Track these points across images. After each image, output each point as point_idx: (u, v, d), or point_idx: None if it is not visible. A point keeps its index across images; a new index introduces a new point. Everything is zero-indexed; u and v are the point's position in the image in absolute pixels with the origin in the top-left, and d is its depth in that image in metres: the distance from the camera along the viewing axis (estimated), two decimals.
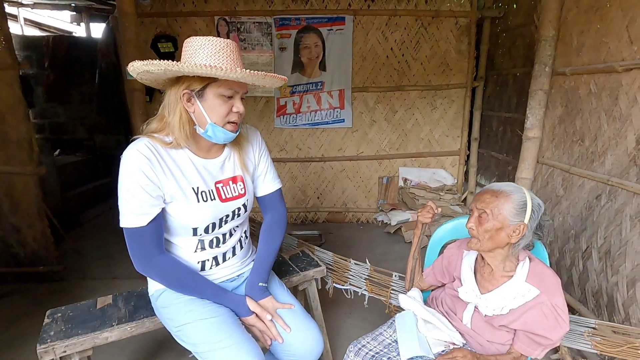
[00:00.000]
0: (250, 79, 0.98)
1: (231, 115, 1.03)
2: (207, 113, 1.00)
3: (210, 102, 1.00)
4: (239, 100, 1.03)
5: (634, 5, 1.75)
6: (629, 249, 1.69)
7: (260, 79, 0.99)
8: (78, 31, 5.94)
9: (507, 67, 3.25)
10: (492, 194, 1.08)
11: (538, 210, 1.06)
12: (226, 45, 0.99)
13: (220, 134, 1.03)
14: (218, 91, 0.99)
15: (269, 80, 1.03)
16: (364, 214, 3.74)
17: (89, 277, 2.67)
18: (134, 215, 0.99)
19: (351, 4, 3.22)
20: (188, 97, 1.01)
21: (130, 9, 2.19)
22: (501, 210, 1.05)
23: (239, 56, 1.03)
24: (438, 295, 1.33)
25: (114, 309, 1.31)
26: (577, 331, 1.21)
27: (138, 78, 1.02)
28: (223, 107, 1.01)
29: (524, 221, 1.05)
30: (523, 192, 1.07)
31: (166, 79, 1.03)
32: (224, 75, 0.93)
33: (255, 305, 1.10)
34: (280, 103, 3.43)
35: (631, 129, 1.77)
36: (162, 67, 0.92)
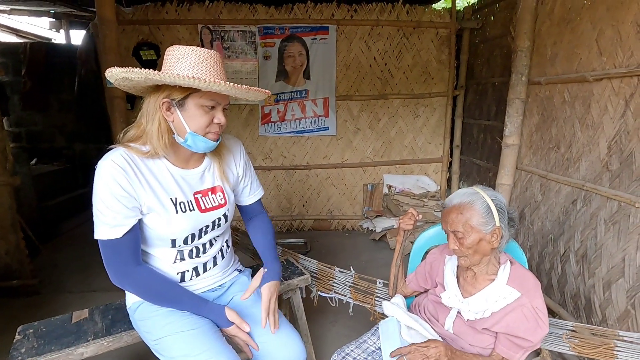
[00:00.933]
0: (234, 92, 0.97)
1: (212, 127, 1.02)
2: (187, 123, 0.99)
3: (190, 112, 0.98)
4: (220, 112, 1.02)
5: (602, 18, 1.83)
6: (604, 252, 1.74)
7: (243, 93, 0.98)
8: (57, 38, 5.82)
9: (486, 77, 3.35)
10: (456, 211, 1.09)
11: (502, 207, 1.09)
12: (210, 56, 0.97)
13: (201, 143, 1.02)
14: (199, 102, 0.98)
15: (252, 94, 1.01)
16: (350, 222, 3.75)
17: (65, 290, 2.58)
18: (108, 227, 0.96)
19: (334, 13, 3.27)
20: (168, 106, 0.99)
21: (111, 15, 2.17)
22: (471, 224, 1.06)
23: (222, 67, 1.02)
24: (421, 302, 1.34)
25: (90, 323, 1.27)
26: (556, 334, 1.24)
27: (116, 84, 1.00)
28: (204, 118, 0.99)
29: (496, 224, 1.07)
30: (482, 197, 1.08)
31: (145, 87, 1.01)
32: (207, 87, 0.93)
33: (235, 316, 1.07)
34: (264, 111, 3.43)
35: (603, 136, 1.85)
36: (142, 75, 0.90)
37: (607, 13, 1.80)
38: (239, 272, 1.31)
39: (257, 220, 1.32)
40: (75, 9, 4.51)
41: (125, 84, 0.99)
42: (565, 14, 2.08)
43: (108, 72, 0.94)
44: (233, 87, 0.93)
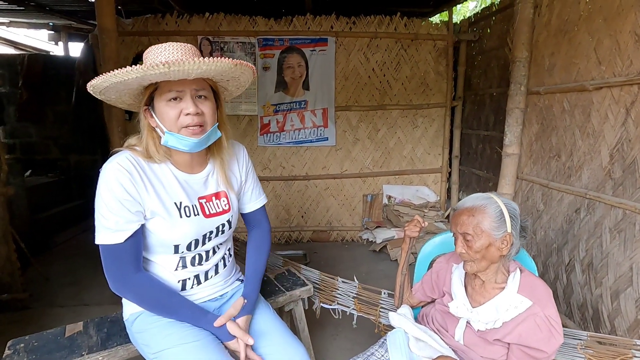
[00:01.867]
0: (180, 72, 0.85)
1: (183, 119, 0.93)
2: (162, 124, 0.95)
3: (161, 110, 0.94)
4: (189, 101, 0.93)
5: (599, 28, 1.86)
6: (610, 260, 1.72)
7: (191, 67, 0.84)
8: (56, 50, 5.83)
9: (483, 87, 3.38)
10: (467, 213, 1.07)
11: (516, 214, 1.07)
12: (171, 47, 0.92)
13: (179, 141, 0.95)
14: (162, 97, 0.93)
15: (213, 66, 0.87)
16: (349, 233, 3.71)
17: (56, 304, 2.49)
18: (110, 231, 0.93)
19: (333, 25, 3.31)
20: (149, 113, 0.97)
21: (111, 25, 2.16)
22: (482, 228, 1.04)
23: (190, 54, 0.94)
24: (428, 312, 1.30)
25: (84, 336, 1.21)
26: (570, 344, 1.20)
27: (104, 99, 0.97)
28: (172, 112, 0.93)
29: (507, 230, 1.05)
30: (495, 202, 1.07)
31: (132, 97, 0.99)
32: (144, 74, 0.84)
33: (236, 329, 1.03)
34: (263, 121, 3.42)
35: (604, 144, 1.85)
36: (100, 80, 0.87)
37: (604, 23, 1.83)
38: (240, 282, 1.27)
39: (256, 235, 1.27)
40: (75, 21, 4.54)
41: (108, 96, 0.96)
42: (562, 25, 2.12)
43: (89, 86, 0.90)
44: (180, 63, 0.82)
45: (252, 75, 1.04)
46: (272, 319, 1.18)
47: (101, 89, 0.90)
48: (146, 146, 0.99)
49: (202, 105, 0.96)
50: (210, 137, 1.00)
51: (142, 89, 0.95)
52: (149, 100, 0.96)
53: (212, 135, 1.01)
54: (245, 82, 1.07)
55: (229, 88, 1.09)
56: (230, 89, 1.10)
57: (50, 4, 3.83)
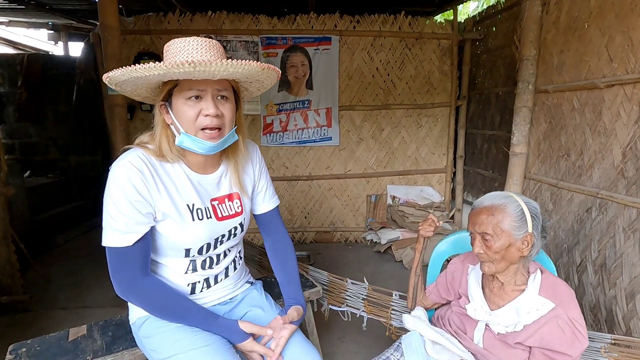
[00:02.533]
0: (205, 72, 0.81)
1: (201, 120, 0.89)
2: (178, 122, 0.91)
3: (178, 108, 0.90)
4: (209, 101, 0.89)
5: (611, 25, 1.83)
6: (625, 261, 1.68)
7: (217, 68, 0.80)
8: (55, 50, 5.79)
9: (488, 87, 3.35)
10: (487, 212, 1.04)
11: (537, 214, 1.03)
12: (195, 43, 0.87)
13: (195, 143, 0.91)
14: (182, 95, 0.89)
15: (246, 69, 0.84)
16: (353, 234, 3.67)
17: (57, 306, 2.45)
18: (118, 233, 0.89)
19: (337, 24, 3.28)
20: (165, 109, 0.93)
21: (114, 22, 2.13)
22: (503, 227, 1.01)
23: (216, 53, 0.90)
24: (444, 314, 1.26)
25: (88, 340, 1.17)
26: (593, 347, 1.17)
27: (118, 89, 0.93)
28: (190, 112, 0.89)
29: (528, 231, 1.01)
30: (516, 201, 1.03)
31: (150, 91, 0.95)
32: (167, 72, 0.81)
33: (251, 326, 0.99)
34: (266, 121, 3.39)
35: (616, 143, 1.81)
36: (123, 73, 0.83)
37: (616, 20, 1.80)
38: (250, 284, 1.23)
39: (275, 239, 1.23)
40: (75, 20, 4.50)
41: (124, 88, 0.93)
42: (571, 23, 2.09)
43: (106, 77, 0.87)
44: (206, 64, 0.78)
45: (276, 79, 1.00)
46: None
47: (118, 81, 0.87)
48: (159, 144, 0.94)
49: (222, 107, 0.92)
50: (227, 141, 0.97)
51: (161, 83, 0.92)
52: (167, 96, 0.92)
53: (230, 139, 0.97)
54: (269, 85, 1.03)
55: (250, 89, 1.05)
56: (251, 89, 1.06)
57: (51, 3, 3.79)
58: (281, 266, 1.20)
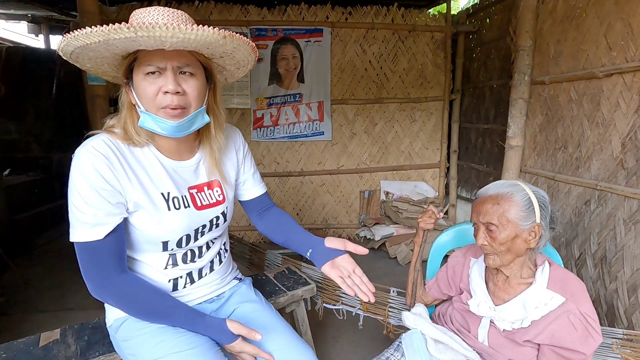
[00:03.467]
0: (150, 38, 0.70)
1: (161, 98, 0.79)
2: (139, 101, 0.82)
3: (138, 85, 0.80)
4: (169, 77, 0.78)
5: (609, 12, 1.79)
6: (626, 253, 1.65)
7: (164, 33, 0.69)
8: (36, 43, 5.58)
9: (483, 80, 3.31)
10: (492, 201, 0.97)
11: (545, 203, 0.97)
12: (161, 12, 0.77)
13: (156, 123, 0.81)
14: (140, 70, 0.79)
15: (193, 35, 0.72)
16: (345, 230, 3.60)
17: (37, 309, 2.32)
18: (87, 226, 0.79)
19: (329, 16, 3.19)
20: (129, 87, 0.83)
21: (93, 8, 2.01)
22: (509, 217, 0.95)
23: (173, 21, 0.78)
24: (445, 311, 1.19)
25: (61, 346, 1.07)
26: (605, 343, 1.11)
27: (80, 67, 0.83)
28: (149, 88, 0.79)
29: (536, 221, 0.95)
30: (523, 190, 0.97)
31: (112, 67, 0.84)
32: (108, 39, 0.70)
33: (239, 327, 0.90)
34: (256, 115, 3.29)
35: (615, 133, 1.78)
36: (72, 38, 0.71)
37: (615, 7, 1.76)
38: (238, 280, 1.15)
39: (272, 214, 1.13)
40: (56, 12, 4.32)
41: (82, 63, 0.81)
42: (568, 12, 2.04)
43: (58, 49, 0.75)
44: (149, 28, 0.67)
45: (251, 54, 0.87)
46: (275, 317, 1.06)
47: (68, 53, 0.76)
48: (124, 125, 0.85)
49: (185, 84, 0.81)
50: (195, 121, 0.85)
51: (121, 58, 0.82)
52: (128, 73, 0.82)
53: (198, 119, 0.86)
54: (244, 60, 0.90)
55: (227, 67, 0.93)
56: (229, 68, 0.94)
57: None
58: (289, 227, 1.10)
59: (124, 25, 0.67)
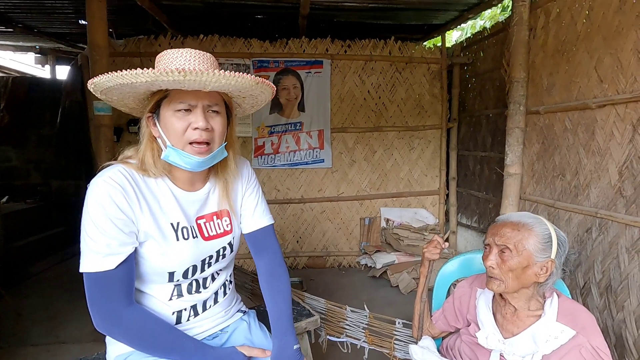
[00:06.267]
0: (195, 82, 0.76)
1: (190, 134, 0.83)
2: (165, 135, 0.85)
3: (167, 120, 0.84)
4: (199, 114, 0.83)
5: (598, 47, 1.87)
6: (632, 282, 1.63)
7: (209, 79, 0.75)
8: (42, 74, 5.72)
9: (479, 109, 3.40)
10: (512, 227, 0.98)
11: (564, 244, 0.98)
12: (188, 54, 0.83)
13: (182, 158, 0.85)
14: (171, 107, 0.83)
15: (233, 81, 0.78)
16: (346, 258, 3.56)
17: (29, 342, 2.24)
18: (99, 256, 0.79)
19: (328, 49, 3.32)
20: (153, 121, 0.87)
21: (103, 42, 2.09)
22: (525, 246, 0.95)
23: (210, 64, 0.85)
24: (453, 344, 1.17)
25: None
26: None
27: (104, 99, 0.87)
28: (179, 124, 0.83)
29: (551, 257, 0.96)
30: (545, 224, 0.99)
31: (136, 101, 0.89)
32: (156, 81, 0.75)
33: (250, 349, 0.91)
34: (258, 143, 3.34)
35: (612, 162, 1.81)
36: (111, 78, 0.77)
37: (603, 42, 1.84)
38: (242, 313, 1.13)
39: (268, 261, 1.09)
40: (64, 44, 4.46)
41: (110, 96, 0.86)
42: (559, 46, 2.14)
43: (90, 83, 0.80)
44: (197, 73, 0.73)
45: (270, 95, 0.94)
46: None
47: (104, 88, 0.80)
48: (143, 157, 0.87)
49: (212, 121, 0.86)
50: (216, 157, 0.90)
51: (149, 94, 0.86)
52: (155, 107, 0.86)
53: (219, 155, 0.90)
54: (263, 101, 0.97)
55: (243, 105, 1.00)
56: (245, 106, 1.00)
57: (39, 26, 3.76)
58: (275, 296, 1.07)
59: (176, 71, 0.73)
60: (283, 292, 1.06)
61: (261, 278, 1.08)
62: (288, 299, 1.06)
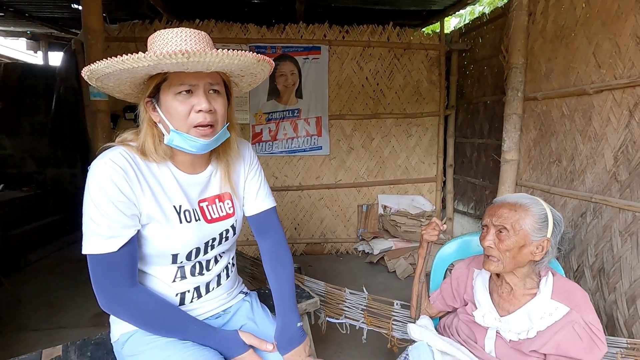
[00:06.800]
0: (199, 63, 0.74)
1: (193, 117, 0.82)
2: (168, 120, 0.84)
3: (168, 105, 0.82)
4: (201, 96, 0.82)
5: (597, 32, 1.87)
6: (624, 264, 1.67)
7: (212, 59, 0.73)
8: (35, 60, 5.61)
9: (477, 96, 3.40)
10: (509, 207, 1.00)
11: (560, 223, 1.00)
12: (183, 33, 0.80)
13: (187, 141, 0.84)
14: (171, 90, 0.81)
15: (237, 60, 0.77)
16: (344, 245, 3.60)
17: (29, 328, 2.26)
18: (101, 238, 0.80)
19: (326, 34, 3.28)
20: (152, 106, 0.86)
21: (98, 25, 2.05)
22: (522, 226, 0.97)
23: (207, 44, 0.83)
24: (450, 323, 1.20)
25: None
26: (609, 352, 1.12)
27: (99, 86, 0.85)
28: (181, 108, 0.82)
29: (547, 236, 0.98)
30: (542, 205, 1.01)
31: (132, 87, 0.87)
32: (158, 65, 0.74)
33: (251, 337, 0.92)
34: (255, 130, 3.32)
35: (608, 147, 1.83)
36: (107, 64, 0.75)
37: (602, 27, 1.84)
38: (244, 294, 1.14)
39: (270, 242, 1.10)
40: (56, 29, 4.37)
41: (106, 83, 0.84)
42: (558, 31, 2.13)
43: (86, 70, 0.78)
44: (201, 54, 0.71)
45: (269, 72, 0.93)
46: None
47: (100, 75, 0.78)
48: (143, 143, 0.86)
49: (214, 102, 0.85)
50: (220, 138, 0.89)
51: (147, 78, 0.84)
52: (154, 92, 0.84)
53: (222, 136, 0.90)
54: (261, 79, 0.96)
55: (241, 84, 0.98)
56: (242, 84, 0.99)
57: (31, 11, 3.67)
58: (278, 275, 1.08)
59: (179, 53, 0.71)
60: (286, 272, 1.07)
61: (265, 259, 1.09)
62: (291, 279, 1.07)
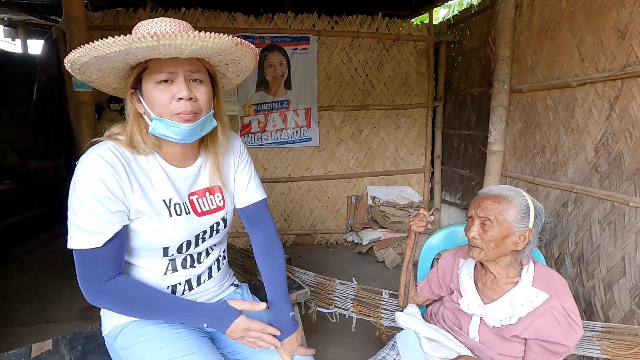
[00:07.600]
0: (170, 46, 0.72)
1: (175, 106, 0.81)
2: (150, 109, 0.83)
3: (149, 94, 0.81)
4: (181, 84, 0.80)
5: (581, 26, 1.91)
6: (602, 252, 1.74)
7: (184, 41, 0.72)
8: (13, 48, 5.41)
9: (464, 88, 3.43)
10: (493, 199, 1.03)
11: (541, 214, 1.04)
12: (167, 22, 0.80)
13: (169, 128, 0.82)
14: (151, 79, 0.80)
15: (210, 42, 0.75)
16: (333, 235, 3.63)
17: (17, 322, 2.24)
18: (85, 234, 0.79)
19: (315, 24, 3.25)
20: (136, 97, 0.85)
21: (80, 13, 1.99)
22: (505, 217, 1.00)
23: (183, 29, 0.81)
24: (437, 311, 1.24)
25: (54, 356, 1.05)
26: (585, 336, 1.18)
27: (84, 79, 0.84)
28: (162, 96, 0.81)
29: (528, 226, 1.01)
30: (524, 196, 1.04)
31: (117, 79, 0.86)
32: (130, 49, 0.72)
33: (242, 302, 0.93)
34: (244, 122, 3.30)
35: (589, 139, 1.88)
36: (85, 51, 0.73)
37: (586, 21, 1.88)
38: (235, 287, 1.16)
39: (262, 234, 1.11)
40: (35, 16, 4.22)
41: (89, 75, 0.83)
42: (543, 24, 2.16)
43: (67, 61, 0.76)
44: (171, 36, 0.70)
45: (254, 60, 0.91)
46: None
47: (80, 64, 0.77)
48: (130, 134, 0.86)
49: (196, 91, 0.83)
50: (205, 125, 0.88)
51: (129, 69, 0.83)
52: (136, 82, 0.83)
53: (207, 123, 0.88)
54: (247, 67, 0.94)
55: (228, 74, 0.96)
56: (230, 75, 0.97)
57: None
58: (270, 266, 1.09)
59: (148, 36, 0.69)
60: (278, 263, 1.08)
61: (256, 250, 1.10)
62: (283, 269, 1.08)
